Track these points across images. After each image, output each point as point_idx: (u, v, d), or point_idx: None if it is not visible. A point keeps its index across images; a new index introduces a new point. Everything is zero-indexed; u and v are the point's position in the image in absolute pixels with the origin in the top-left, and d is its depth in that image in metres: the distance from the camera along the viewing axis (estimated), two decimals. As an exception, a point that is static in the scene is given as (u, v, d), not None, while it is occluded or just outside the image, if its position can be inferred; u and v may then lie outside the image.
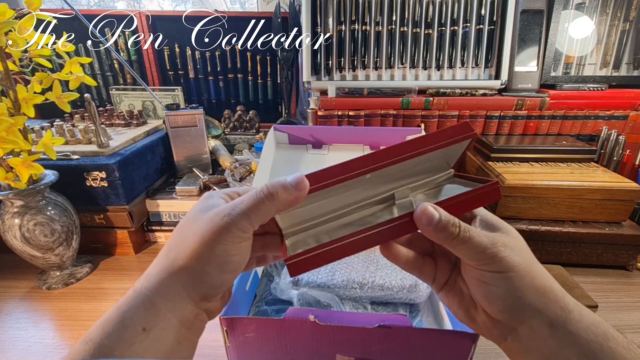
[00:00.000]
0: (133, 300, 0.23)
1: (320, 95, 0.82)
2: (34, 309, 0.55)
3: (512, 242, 0.25)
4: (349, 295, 0.50)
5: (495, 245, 0.24)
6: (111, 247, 0.68)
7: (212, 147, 0.89)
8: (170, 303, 0.23)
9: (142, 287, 0.23)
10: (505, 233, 0.25)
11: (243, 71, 1.00)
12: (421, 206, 0.25)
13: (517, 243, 0.25)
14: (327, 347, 0.37)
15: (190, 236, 0.23)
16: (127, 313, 0.22)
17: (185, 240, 0.24)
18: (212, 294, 0.25)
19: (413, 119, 0.81)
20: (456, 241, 0.24)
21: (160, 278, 0.23)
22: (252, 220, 0.24)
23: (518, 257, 0.24)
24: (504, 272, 0.23)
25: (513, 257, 0.24)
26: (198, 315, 0.25)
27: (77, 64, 0.54)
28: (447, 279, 0.30)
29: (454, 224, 0.24)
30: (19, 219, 0.53)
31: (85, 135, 0.69)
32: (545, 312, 0.23)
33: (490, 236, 0.24)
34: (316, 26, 0.83)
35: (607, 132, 0.78)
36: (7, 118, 0.47)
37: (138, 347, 0.21)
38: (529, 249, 0.25)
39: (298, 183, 0.24)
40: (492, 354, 0.46)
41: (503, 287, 0.24)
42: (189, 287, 0.23)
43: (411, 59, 0.84)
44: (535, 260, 0.25)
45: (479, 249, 0.24)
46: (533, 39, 0.82)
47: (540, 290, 0.24)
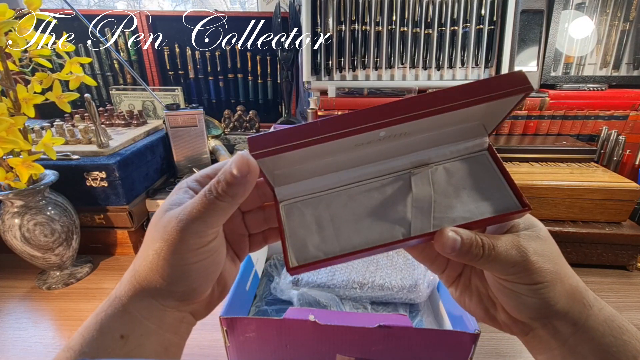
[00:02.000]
0: (109, 307, 0.22)
1: (320, 95, 0.82)
2: (34, 309, 0.55)
3: (542, 247, 0.23)
4: (349, 295, 0.50)
5: (525, 257, 0.22)
6: (111, 247, 0.68)
7: (212, 147, 0.89)
8: (144, 311, 0.22)
9: (116, 294, 0.22)
10: (534, 233, 0.23)
11: (243, 71, 1.00)
12: (441, 233, 0.22)
13: (547, 246, 0.23)
14: (327, 347, 0.37)
15: (149, 244, 0.22)
16: (104, 321, 0.21)
17: (145, 250, 0.22)
18: (189, 299, 0.23)
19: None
20: (482, 261, 0.22)
21: (130, 287, 0.22)
22: (209, 223, 0.21)
23: (550, 264, 0.22)
24: (536, 284, 0.22)
25: (545, 265, 0.22)
26: (184, 319, 0.24)
27: (77, 64, 0.54)
28: (459, 274, 0.28)
29: (477, 244, 0.22)
30: (19, 219, 0.53)
31: (85, 135, 0.69)
32: (571, 312, 0.23)
33: (518, 245, 0.22)
34: (316, 26, 0.83)
35: (607, 132, 0.78)
36: (7, 118, 0.47)
37: (118, 354, 0.21)
38: (557, 247, 0.24)
39: (240, 168, 0.20)
40: (492, 354, 0.46)
41: (537, 299, 0.22)
42: (158, 297, 0.22)
43: (411, 59, 0.84)
44: (563, 259, 0.24)
45: (508, 264, 0.22)
46: (533, 39, 0.82)
47: (569, 293, 0.23)
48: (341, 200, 0.26)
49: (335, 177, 0.26)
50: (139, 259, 0.22)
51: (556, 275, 0.22)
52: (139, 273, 0.22)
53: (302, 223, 0.25)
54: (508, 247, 0.22)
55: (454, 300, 0.29)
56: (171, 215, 0.21)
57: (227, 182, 0.21)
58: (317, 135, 0.20)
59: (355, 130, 0.20)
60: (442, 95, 0.20)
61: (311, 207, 0.25)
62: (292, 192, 0.25)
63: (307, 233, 0.25)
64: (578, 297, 0.23)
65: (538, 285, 0.22)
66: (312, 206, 0.25)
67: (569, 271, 0.24)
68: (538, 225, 0.24)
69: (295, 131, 0.20)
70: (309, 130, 0.20)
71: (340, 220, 0.25)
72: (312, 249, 0.24)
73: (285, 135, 0.20)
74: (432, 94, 0.20)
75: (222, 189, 0.21)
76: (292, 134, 0.20)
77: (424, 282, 0.49)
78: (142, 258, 0.22)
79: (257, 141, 0.20)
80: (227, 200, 0.21)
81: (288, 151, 0.20)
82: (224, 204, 0.21)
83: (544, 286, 0.22)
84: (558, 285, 0.22)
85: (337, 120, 0.20)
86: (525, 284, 0.22)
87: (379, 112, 0.20)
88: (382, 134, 0.22)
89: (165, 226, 0.21)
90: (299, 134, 0.20)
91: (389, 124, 0.20)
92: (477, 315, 0.28)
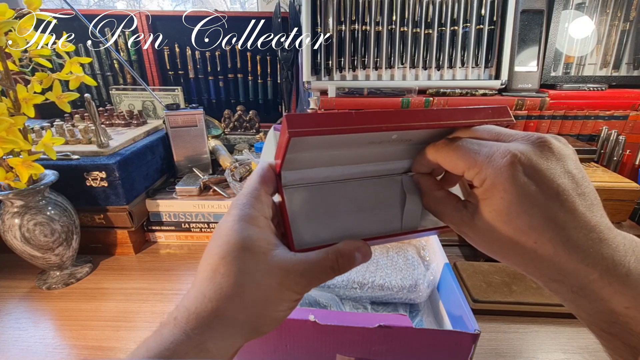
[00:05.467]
0: (181, 344, 0.20)
1: (320, 95, 0.82)
2: (34, 309, 0.55)
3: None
4: (349, 295, 0.50)
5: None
6: (111, 247, 0.68)
7: (212, 147, 0.89)
8: (222, 349, 0.21)
9: (187, 328, 0.20)
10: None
11: (243, 71, 1.00)
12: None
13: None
14: (327, 347, 0.37)
15: (249, 291, 0.21)
16: (176, 355, 0.20)
17: (252, 302, 0.21)
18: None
19: (413, 119, 0.81)
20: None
21: (218, 326, 0.20)
22: (310, 286, 0.22)
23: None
24: None
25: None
26: (239, 349, 0.24)
27: (77, 64, 0.54)
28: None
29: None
30: (19, 219, 0.53)
31: (85, 135, 0.69)
32: None
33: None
34: (316, 26, 0.83)
35: (607, 132, 0.78)
36: (7, 118, 0.47)
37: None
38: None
39: (364, 254, 0.23)
40: (492, 354, 0.46)
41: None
42: (246, 335, 0.22)
43: (411, 59, 0.84)
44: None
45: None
46: (533, 39, 0.82)
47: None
48: (341, 191, 0.27)
49: (339, 170, 0.27)
50: (234, 300, 0.21)
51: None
52: (237, 314, 0.21)
53: (301, 208, 0.26)
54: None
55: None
56: (279, 271, 0.21)
57: (352, 264, 0.22)
58: (353, 125, 0.21)
59: (384, 127, 0.21)
60: (446, 112, 0.23)
61: (313, 193, 0.26)
62: (296, 179, 0.26)
63: (305, 219, 0.25)
64: None
65: None
66: (314, 193, 0.26)
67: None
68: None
69: (332, 117, 0.21)
70: (346, 118, 0.21)
71: (339, 211, 0.26)
72: (309, 235, 0.25)
73: (323, 119, 0.20)
74: (435, 111, 0.23)
75: (345, 268, 0.22)
76: (330, 119, 0.21)
77: (424, 282, 0.49)
78: (239, 303, 0.21)
79: (295, 120, 0.20)
80: (337, 273, 0.22)
81: (325, 134, 0.21)
82: (332, 275, 0.22)
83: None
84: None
85: (369, 115, 0.21)
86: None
87: (400, 115, 0.22)
88: (395, 137, 0.23)
89: (270, 284, 0.21)
90: (335, 120, 0.21)
91: (409, 127, 0.22)
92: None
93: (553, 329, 0.49)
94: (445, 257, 0.49)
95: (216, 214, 0.71)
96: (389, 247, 0.56)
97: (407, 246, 0.57)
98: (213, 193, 0.74)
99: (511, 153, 0.19)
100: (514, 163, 0.19)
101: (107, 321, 0.52)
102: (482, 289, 0.53)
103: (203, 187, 0.74)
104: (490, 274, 0.55)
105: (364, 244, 0.23)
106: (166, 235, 0.73)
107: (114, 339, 0.49)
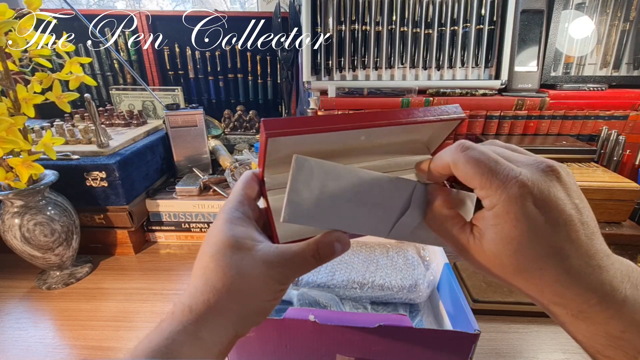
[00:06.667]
0: (178, 334, 0.22)
1: (320, 95, 0.82)
2: (34, 309, 0.55)
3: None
4: (349, 295, 0.50)
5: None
6: (111, 247, 0.68)
7: (212, 147, 0.89)
8: (216, 337, 0.23)
9: (183, 320, 0.22)
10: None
11: (243, 71, 1.00)
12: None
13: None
14: (327, 347, 0.37)
15: (236, 283, 0.23)
16: (174, 345, 0.22)
17: (239, 292, 0.23)
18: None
19: (413, 119, 0.81)
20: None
21: (210, 316, 0.23)
22: (294, 275, 0.24)
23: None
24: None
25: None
26: (233, 340, 0.25)
27: (77, 64, 0.54)
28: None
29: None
30: (19, 219, 0.53)
31: (85, 135, 0.69)
32: None
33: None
34: (316, 26, 0.83)
35: (607, 132, 0.78)
36: (7, 118, 0.47)
37: None
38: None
39: (344, 244, 0.24)
40: (492, 354, 0.46)
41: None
42: (237, 324, 0.24)
43: (411, 59, 0.84)
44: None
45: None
46: (533, 39, 0.82)
47: None
48: (343, 184, 0.26)
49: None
50: (227, 294, 0.23)
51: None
52: (228, 307, 0.23)
53: (306, 181, 0.24)
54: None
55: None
56: (263, 263, 0.23)
57: (333, 254, 0.24)
58: (322, 125, 0.24)
59: (349, 126, 0.23)
60: (403, 112, 0.25)
61: (322, 171, 0.24)
62: (285, 182, 0.25)
63: (306, 195, 0.24)
64: None
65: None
66: (324, 170, 0.24)
67: None
68: None
69: (304, 120, 0.24)
70: (317, 120, 0.24)
71: (336, 204, 0.24)
72: (294, 228, 0.26)
73: (297, 122, 0.23)
74: (395, 110, 0.26)
75: (326, 257, 0.24)
76: (302, 122, 0.24)
77: (424, 282, 0.49)
78: (232, 297, 0.23)
79: (271, 123, 0.23)
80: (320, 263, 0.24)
81: (296, 135, 0.23)
82: (315, 264, 0.24)
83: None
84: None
85: (337, 117, 0.24)
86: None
87: (364, 116, 0.24)
88: (363, 138, 0.25)
89: (256, 276, 0.23)
90: (307, 122, 0.24)
91: (370, 125, 0.24)
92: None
93: (553, 329, 0.49)
94: (445, 257, 0.49)
95: (216, 214, 0.71)
96: (389, 247, 0.56)
97: (407, 246, 0.57)
98: (213, 193, 0.74)
99: (524, 183, 0.20)
100: (525, 194, 0.20)
101: (107, 321, 0.52)
102: (482, 289, 0.53)
103: (203, 187, 0.74)
104: (490, 274, 0.55)
105: (343, 235, 0.24)
106: (166, 235, 0.73)
107: (113, 338, 0.49)
